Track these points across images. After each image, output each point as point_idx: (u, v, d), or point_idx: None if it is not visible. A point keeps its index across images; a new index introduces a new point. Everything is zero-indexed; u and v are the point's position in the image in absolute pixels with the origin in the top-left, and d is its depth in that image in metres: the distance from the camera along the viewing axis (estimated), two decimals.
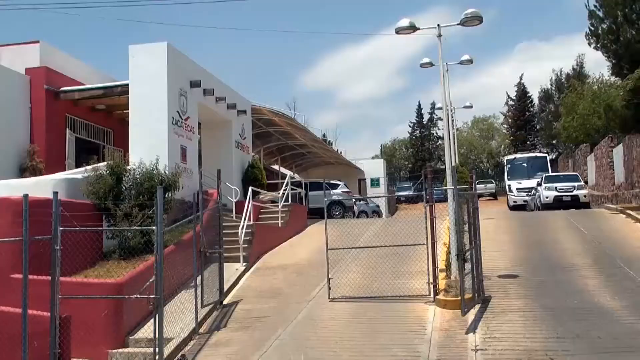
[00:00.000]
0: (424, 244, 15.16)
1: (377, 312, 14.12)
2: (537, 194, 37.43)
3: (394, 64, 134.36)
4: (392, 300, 14.84)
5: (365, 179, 51.66)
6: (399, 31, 17.04)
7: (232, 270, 18.13)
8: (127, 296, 12.61)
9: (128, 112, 21.67)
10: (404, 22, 16.85)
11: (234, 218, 21.27)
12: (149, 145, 19.94)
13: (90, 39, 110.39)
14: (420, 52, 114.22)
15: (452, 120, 41.79)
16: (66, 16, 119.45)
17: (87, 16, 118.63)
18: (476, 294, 13.86)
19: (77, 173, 18.90)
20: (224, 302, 16.00)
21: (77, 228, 12.72)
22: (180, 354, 12.56)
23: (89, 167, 18.13)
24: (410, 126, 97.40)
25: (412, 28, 16.81)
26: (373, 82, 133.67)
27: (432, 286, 14.79)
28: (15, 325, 10.91)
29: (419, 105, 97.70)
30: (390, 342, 12.05)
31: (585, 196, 35.12)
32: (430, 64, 21.80)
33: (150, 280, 11.88)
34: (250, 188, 22.54)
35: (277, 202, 24.93)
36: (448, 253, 16.87)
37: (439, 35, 17.08)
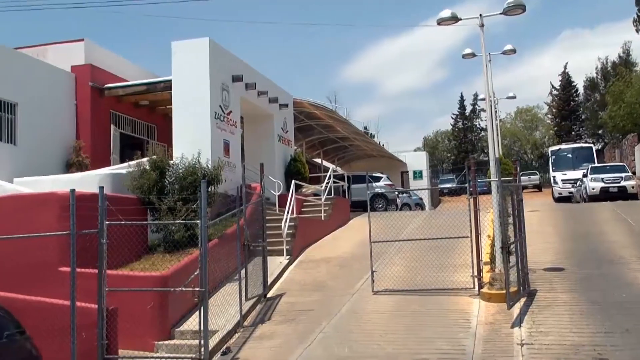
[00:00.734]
0: (467, 237, 15.03)
1: (421, 305, 14.06)
2: (582, 186, 36.80)
3: (435, 55, 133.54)
4: (436, 293, 14.76)
5: (407, 172, 51.42)
6: (440, 22, 16.93)
7: (275, 263, 18.19)
8: (172, 289, 12.71)
9: (171, 108, 21.85)
10: (446, 12, 16.74)
11: (277, 211, 21.32)
12: (192, 139, 20.08)
13: (133, 36, 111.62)
14: (462, 43, 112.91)
15: (495, 112, 41.51)
16: (110, 14, 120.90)
17: (130, 14, 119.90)
18: (521, 287, 13.71)
19: (122, 168, 19.15)
20: (268, 295, 16.06)
21: (123, 222, 12.87)
22: (225, 347, 12.64)
23: (133, 162, 18.36)
24: (452, 118, 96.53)
25: (454, 19, 16.69)
26: (414, 74, 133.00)
27: (476, 279, 14.67)
28: (63, 317, 11.11)
29: (461, 96, 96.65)
30: (435, 336, 11.98)
31: (633, 187, 34.36)
32: (473, 55, 21.63)
33: (195, 273, 11.98)
34: (293, 181, 22.58)
35: (320, 196, 24.92)
36: (492, 246, 16.72)
37: (481, 25, 16.93)
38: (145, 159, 18.23)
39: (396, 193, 36.34)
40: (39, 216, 14.31)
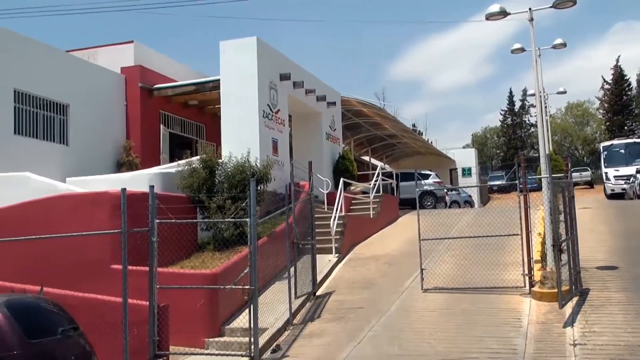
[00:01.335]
0: (518, 234, 14.87)
1: (471, 304, 13.93)
2: (636, 182, 36.03)
3: (483, 51, 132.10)
4: (486, 291, 14.61)
5: (456, 169, 51.03)
6: (489, 17, 16.76)
7: (324, 261, 18.18)
8: (222, 286, 12.78)
9: (220, 107, 22.00)
10: (495, 7, 16.57)
11: (326, 209, 21.32)
12: (240, 138, 20.19)
13: (182, 37, 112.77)
14: (511, 37, 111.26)
15: (545, 107, 40.95)
16: (158, 16, 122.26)
17: (178, 15, 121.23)
18: (573, 286, 13.48)
19: (171, 167, 19.34)
20: (317, 293, 16.07)
21: (173, 220, 12.99)
22: (274, 344, 12.68)
23: (182, 162, 18.53)
24: (501, 114, 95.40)
25: (503, 13, 16.51)
26: (462, 70, 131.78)
27: (527, 277, 14.49)
28: (115, 313, 11.27)
29: (510, 92, 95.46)
30: (485, 335, 11.87)
31: None
32: (522, 50, 21.37)
33: (245, 271, 12.04)
34: (342, 179, 22.56)
35: (369, 193, 24.86)
36: (543, 244, 16.46)
37: (531, 20, 16.70)
38: (194, 158, 18.39)
39: (445, 190, 36.08)
40: (92, 215, 14.55)
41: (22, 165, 18.85)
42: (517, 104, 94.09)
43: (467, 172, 50.50)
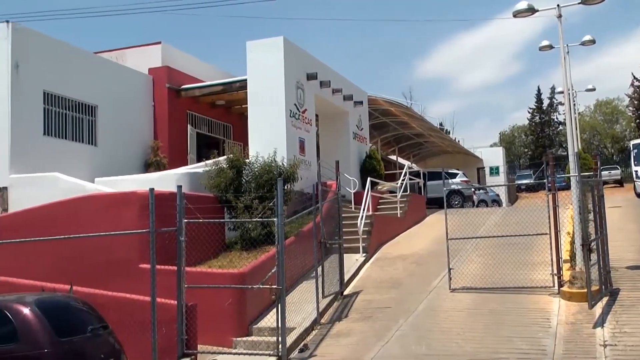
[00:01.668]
0: (546, 234, 14.74)
1: (499, 304, 13.84)
2: None
3: (510, 48, 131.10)
4: (514, 291, 14.51)
5: (484, 168, 50.68)
6: (516, 14, 16.64)
7: (351, 260, 18.16)
8: (250, 286, 12.80)
9: (247, 107, 22.07)
10: (522, 4, 16.44)
11: (353, 209, 21.29)
12: (267, 138, 20.23)
13: (208, 37, 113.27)
14: (539, 35, 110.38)
15: (574, 105, 40.52)
16: (186, 17, 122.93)
17: (205, 16, 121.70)
18: (603, 286, 13.36)
19: (199, 167, 19.42)
20: (345, 293, 16.05)
21: (200, 220, 13.04)
22: (302, 344, 12.67)
23: (209, 162, 18.60)
24: (529, 112, 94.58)
25: (531, 10, 16.38)
26: (489, 68, 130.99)
27: (556, 277, 14.36)
28: (144, 312, 11.36)
29: (538, 90, 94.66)
30: (514, 335, 11.78)
31: None
32: (550, 47, 21.20)
33: (272, 270, 12.05)
34: (369, 179, 22.51)
35: (396, 193, 24.80)
36: (572, 243, 16.32)
37: (559, 16, 16.55)
38: (222, 158, 18.45)
39: (472, 189, 35.89)
40: (120, 215, 14.65)
41: (52, 166, 19.06)
42: (545, 102, 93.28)
43: (494, 171, 50.18)
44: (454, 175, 34.40)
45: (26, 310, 8.80)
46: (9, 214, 17.44)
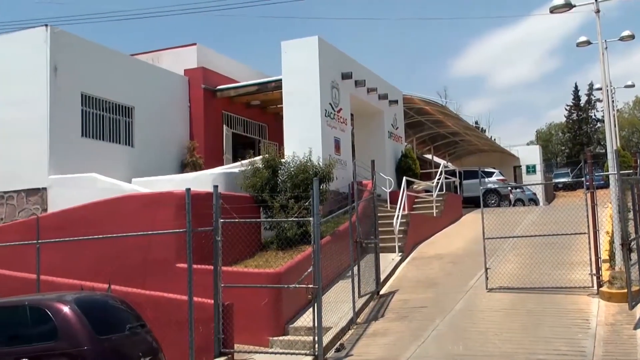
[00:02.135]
0: (585, 233, 14.57)
1: (537, 304, 13.70)
2: None
3: (546, 45, 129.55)
4: (552, 291, 14.36)
5: (520, 166, 50.22)
6: (553, 10, 16.46)
7: (387, 260, 18.11)
8: (286, 285, 12.83)
9: (282, 107, 22.13)
10: (559, 0, 16.24)
11: (388, 208, 21.24)
12: (302, 138, 20.24)
13: (243, 37, 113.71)
14: (576, 30, 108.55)
15: (613, 101, 39.96)
16: (222, 18, 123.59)
17: (241, 16, 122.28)
18: None
19: (234, 167, 19.51)
20: (381, 292, 16.01)
21: (236, 220, 13.09)
22: (338, 343, 12.67)
23: (245, 161, 18.66)
24: (566, 109, 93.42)
25: (568, 6, 16.20)
26: (525, 65, 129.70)
27: (594, 277, 14.17)
28: (181, 311, 11.47)
29: (576, 86, 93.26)
30: (552, 336, 11.66)
31: None
32: (588, 43, 20.98)
33: (309, 270, 12.06)
34: (404, 178, 22.44)
35: (431, 192, 24.69)
36: (611, 242, 16.10)
37: (597, 11, 16.37)
38: (257, 158, 18.50)
39: (509, 188, 35.58)
40: (157, 215, 14.77)
41: (89, 167, 19.29)
42: (583, 99, 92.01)
43: (531, 169, 49.70)
44: (490, 174, 34.14)
45: (66, 309, 8.92)
46: (48, 214, 17.68)
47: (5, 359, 8.78)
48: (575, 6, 16.29)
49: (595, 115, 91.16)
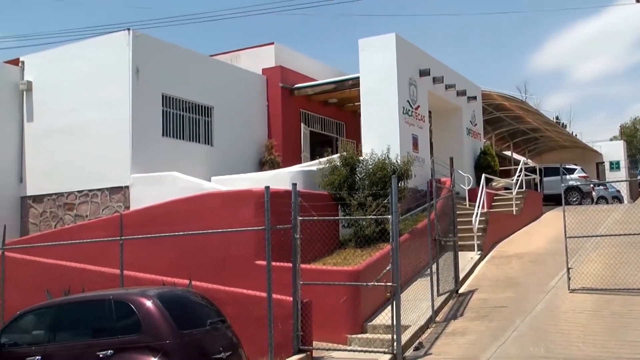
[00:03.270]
0: None
1: (622, 306, 13.31)
2: None
3: (630, 36, 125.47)
4: (639, 293, 13.93)
5: (603, 163, 48.95)
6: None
7: (466, 258, 17.92)
8: (364, 283, 12.81)
9: (359, 105, 22.14)
10: None
11: (467, 206, 21.01)
12: (380, 135, 20.23)
13: (320, 36, 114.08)
14: None
15: None
16: (299, 17, 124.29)
17: (318, 15, 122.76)
18: None
19: (312, 165, 19.61)
20: (460, 291, 15.86)
21: (315, 217, 13.14)
22: (417, 342, 12.58)
23: (323, 159, 18.73)
24: None
25: None
26: (608, 57, 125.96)
27: None
28: (259, 308, 11.61)
29: None
30: (639, 339, 11.30)
31: None
32: None
33: (387, 268, 12.01)
34: (483, 175, 22.17)
35: (511, 189, 24.31)
36: None
37: None
38: (335, 156, 18.54)
39: (591, 185, 34.73)
40: (236, 212, 14.97)
41: (170, 166, 19.72)
42: None
43: (615, 165, 48.38)
44: (571, 171, 33.36)
45: (149, 303, 9.11)
46: (130, 211, 18.13)
47: (90, 351, 9.03)
48: None
49: None
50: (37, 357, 9.28)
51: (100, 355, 8.87)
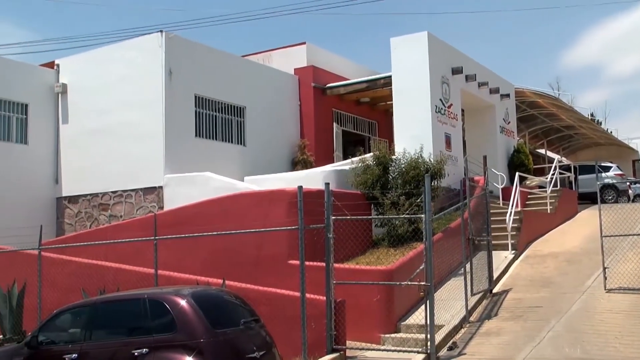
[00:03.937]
0: None
1: None
2: None
3: None
4: None
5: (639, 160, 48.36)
6: None
7: (500, 258, 17.79)
8: (398, 283, 12.78)
9: (391, 103, 22.11)
10: None
11: (501, 205, 20.84)
12: (413, 134, 20.16)
13: (352, 35, 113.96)
14: None
15: None
16: (331, 16, 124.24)
17: (349, 14, 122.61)
18: None
19: (345, 164, 19.62)
20: (494, 291, 15.76)
21: (348, 217, 13.13)
22: (451, 342, 12.52)
23: (355, 159, 18.72)
24: None
25: None
26: None
27: None
28: (293, 307, 11.62)
29: None
30: None
31: None
32: None
33: (420, 267, 11.97)
34: (517, 173, 21.99)
35: (545, 188, 24.08)
36: None
37: None
38: (368, 155, 18.51)
39: (628, 183, 34.28)
40: (269, 212, 15.01)
41: (203, 166, 19.85)
42: None
43: None
44: (607, 169, 32.93)
45: (183, 302, 9.18)
46: (164, 211, 18.28)
47: (126, 349, 9.12)
48: None
49: None
50: (74, 355, 9.38)
51: (136, 354, 8.95)
